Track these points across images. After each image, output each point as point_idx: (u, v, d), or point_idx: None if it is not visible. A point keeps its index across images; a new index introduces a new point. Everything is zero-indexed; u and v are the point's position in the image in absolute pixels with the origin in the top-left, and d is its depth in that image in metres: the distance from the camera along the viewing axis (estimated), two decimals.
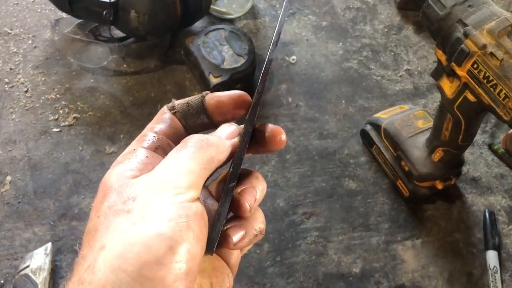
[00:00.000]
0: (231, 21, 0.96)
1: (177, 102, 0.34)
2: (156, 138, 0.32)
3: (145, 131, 0.32)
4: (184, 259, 0.24)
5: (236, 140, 0.32)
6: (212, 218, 0.29)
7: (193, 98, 0.34)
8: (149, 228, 0.24)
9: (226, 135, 0.32)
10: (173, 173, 0.27)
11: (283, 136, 0.32)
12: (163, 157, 0.31)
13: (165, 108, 0.34)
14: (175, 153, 0.29)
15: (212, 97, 0.34)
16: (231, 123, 0.33)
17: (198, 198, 0.27)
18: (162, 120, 0.33)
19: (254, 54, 0.84)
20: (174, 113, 0.33)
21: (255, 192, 0.30)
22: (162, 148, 0.31)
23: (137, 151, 0.31)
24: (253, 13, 0.98)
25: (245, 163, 0.31)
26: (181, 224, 0.25)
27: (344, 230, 0.74)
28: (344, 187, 0.78)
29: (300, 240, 0.72)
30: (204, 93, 0.34)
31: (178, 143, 0.30)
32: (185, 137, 0.30)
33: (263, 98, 0.86)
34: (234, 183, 0.30)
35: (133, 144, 0.31)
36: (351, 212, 0.76)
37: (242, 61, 0.82)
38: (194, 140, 0.29)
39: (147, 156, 0.30)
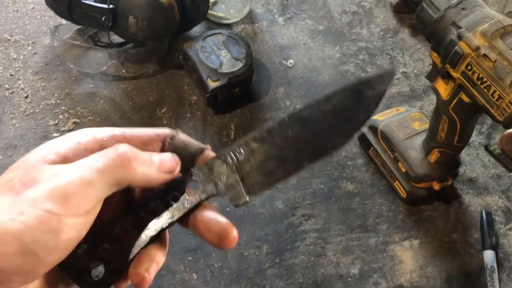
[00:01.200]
0: (228, 26, 0.97)
1: (180, 136, 0.32)
2: (114, 140, 0.30)
3: (123, 128, 0.31)
4: (26, 261, 0.24)
5: (169, 176, 0.29)
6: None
7: (194, 145, 0.32)
8: (12, 222, 0.24)
9: (162, 165, 0.29)
10: (72, 179, 0.26)
11: (235, 232, 0.29)
12: None
13: (167, 131, 0.32)
14: (95, 156, 0.27)
15: (206, 158, 0.32)
16: (177, 160, 0.31)
17: (88, 211, 0.26)
18: (147, 132, 0.32)
19: (252, 58, 0.85)
20: (170, 143, 0.32)
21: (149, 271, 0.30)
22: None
23: (86, 135, 0.29)
24: (250, 17, 0.99)
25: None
26: (38, 236, 0.24)
27: (343, 231, 0.75)
28: (342, 189, 0.79)
29: (299, 241, 0.73)
30: (205, 146, 0.32)
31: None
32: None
33: (261, 101, 0.87)
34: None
35: (100, 129, 0.30)
36: (349, 213, 0.76)
37: (240, 65, 0.83)
38: (119, 151, 0.27)
39: (86, 148, 0.28)
